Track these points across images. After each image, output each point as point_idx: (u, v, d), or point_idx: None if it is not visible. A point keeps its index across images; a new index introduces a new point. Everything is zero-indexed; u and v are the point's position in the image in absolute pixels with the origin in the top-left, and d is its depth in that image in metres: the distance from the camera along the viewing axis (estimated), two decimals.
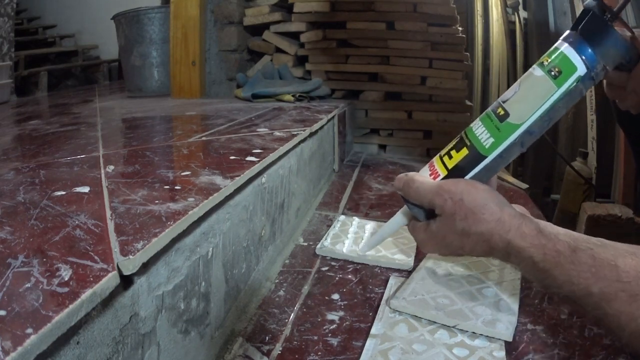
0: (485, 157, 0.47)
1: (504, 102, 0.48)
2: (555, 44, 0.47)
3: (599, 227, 1.71)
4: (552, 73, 0.45)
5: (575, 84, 0.45)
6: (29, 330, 0.27)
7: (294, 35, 1.76)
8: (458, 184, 0.47)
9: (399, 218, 0.55)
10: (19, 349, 0.26)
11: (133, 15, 1.83)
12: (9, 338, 0.26)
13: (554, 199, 2.40)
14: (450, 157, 0.50)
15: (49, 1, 4.18)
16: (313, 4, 1.68)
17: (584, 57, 0.44)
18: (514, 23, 2.82)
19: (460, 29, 1.65)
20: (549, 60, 0.46)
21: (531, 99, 0.46)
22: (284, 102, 1.51)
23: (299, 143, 0.91)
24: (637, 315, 0.37)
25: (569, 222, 1.99)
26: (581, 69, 0.44)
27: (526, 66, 2.81)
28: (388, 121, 1.70)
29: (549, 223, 0.46)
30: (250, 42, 1.83)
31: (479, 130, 0.48)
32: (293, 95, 1.53)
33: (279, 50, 1.78)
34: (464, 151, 0.49)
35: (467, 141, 0.49)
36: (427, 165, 0.52)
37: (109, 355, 0.35)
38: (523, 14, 2.81)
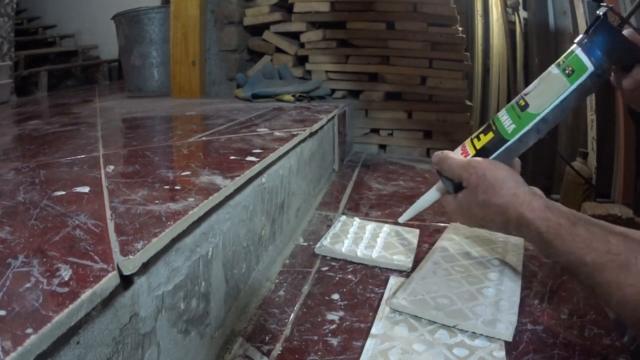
0: (507, 141, 0.56)
1: (525, 95, 0.56)
2: (571, 47, 0.54)
3: None
4: (567, 71, 0.53)
5: (585, 80, 0.52)
6: (29, 330, 0.27)
7: (294, 35, 1.76)
8: (482, 162, 0.55)
9: (433, 192, 0.65)
10: (19, 349, 0.26)
11: (133, 15, 1.83)
12: (9, 338, 0.26)
13: (554, 199, 2.39)
14: (479, 139, 0.59)
15: (49, 1, 4.18)
16: (313, 4, 1.68)
17: (592, 58, 0.51)
18: (514, 23, 2.82)
19: (460, 29, 1.65)
20: (565, 61, 0.54)
21: (548, 92, 0.54)
22: (284, 102, 1.51)
23: (299, 143, 0.91)
24: (624, 284, 0.41)
25: None
26: (590, 68, 0.51)
27: (526, 66, 2.81)
28: (388, 121, 1.70)
29: (557, 203, 0.52)
30: (250, 42, 1.83)
31: (504, 117, 0.57)
32: (293, 95, 1.53)
33: (279, 50, 1.78)
34: (490, 135, 0.58)
35: (493, 127, 0.58)
36: (459, 146, 0.62)
37: (109, 355, 0.35)
38: (523, 14, 2.82)
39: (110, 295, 0.34)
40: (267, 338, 0.57)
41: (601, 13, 0.51)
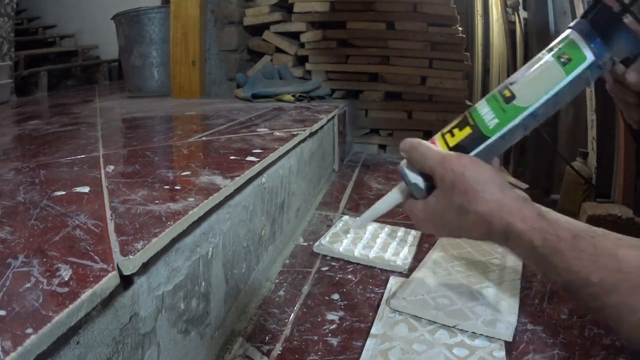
0: (488, 138, 0.47)
1: (511, 84, 0.47)
2: (566, 32, 0.47)
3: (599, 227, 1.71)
4: (562, 60, 0.45)
5: (583, 72, 0.45)
6: (29, 330, 0.27)
7: (294, 35, 1.76)
8: (462, 158, 0.46)
9: (395, 194, 0.53)
10: (19, 349, 0.26)
11: (133, 15, 1.83)
12: (9, 338, 0.26)
13: (554, 199, 2.39)
14: (453, 135, 0.49)
15: (49, 1, 4.18)
16: (313, 4, 1.68)
17: (592, 46, 0.44)
18: (514, 23, 2.82)
19: (460, 29, 1.65)
20: (560, 47, 0.46)
21: (539, 83, 0.46)
22: (284, 102, 1.51)
23: (299, 143, 0.91)
24: (638, 307, 0.35)
25: None
26: (590, 58, 0.44)
27: None
28: (388, 121, 1.70)
29: (550, 209, 0.44)
30: (250, 42, 1.83)
31: (484, 110, 0.48)
32: (293, 95, 1.53)
33: (279, 50, 1.78)
34: (467, 130, 0.48)
35: (470, 120, 0.49)
36: (428, 141, 0.51)
37: (109, 355, 0.35)
38: (523, 14, 2.81)
39: (110, 295, 0.34)
40: (267, 338, 0.57)
41: None
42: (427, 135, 1.66)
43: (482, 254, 0.74)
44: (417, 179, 0.49)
